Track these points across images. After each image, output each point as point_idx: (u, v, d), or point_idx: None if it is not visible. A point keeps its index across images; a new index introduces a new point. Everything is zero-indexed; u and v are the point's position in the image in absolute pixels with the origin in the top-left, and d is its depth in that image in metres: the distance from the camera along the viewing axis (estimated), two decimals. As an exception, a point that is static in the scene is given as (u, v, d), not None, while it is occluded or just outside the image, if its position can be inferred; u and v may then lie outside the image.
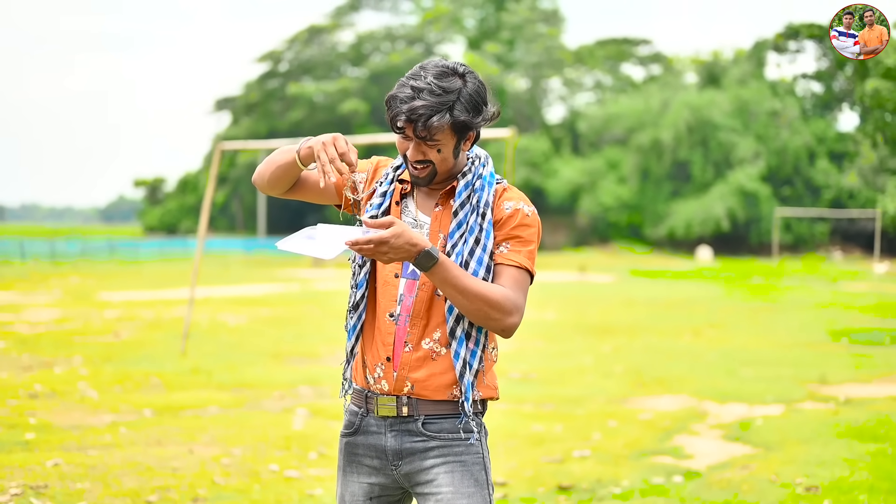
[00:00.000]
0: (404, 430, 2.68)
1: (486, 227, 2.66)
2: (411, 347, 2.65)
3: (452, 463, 2.66)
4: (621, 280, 29.98)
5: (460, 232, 2.65)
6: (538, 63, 61.23)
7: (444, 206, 2.71)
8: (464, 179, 2.69)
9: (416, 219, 2.72)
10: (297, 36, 67.27)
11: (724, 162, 52.91)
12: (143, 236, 70.93)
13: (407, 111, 2.55)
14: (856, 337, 14.34)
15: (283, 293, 22.53)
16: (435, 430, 2.67)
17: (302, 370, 10.75)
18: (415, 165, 2.64)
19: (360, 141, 12.12)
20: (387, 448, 2.70)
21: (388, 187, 2.76)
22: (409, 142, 2.62)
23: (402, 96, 2.57)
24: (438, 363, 2.65)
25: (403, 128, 2.59)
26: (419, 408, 2.67)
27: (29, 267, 33.51)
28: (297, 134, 58.27)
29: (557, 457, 6.81)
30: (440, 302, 2.65)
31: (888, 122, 34.61)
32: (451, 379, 2.66)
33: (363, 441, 2.74)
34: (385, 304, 2.69)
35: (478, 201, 2.68)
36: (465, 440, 2.68)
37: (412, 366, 2.65)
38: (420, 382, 2.65)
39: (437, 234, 2.69)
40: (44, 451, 6.62)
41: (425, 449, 2.67)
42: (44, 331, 14.05)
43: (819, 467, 6.46)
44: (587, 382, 10.17)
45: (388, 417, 2.69)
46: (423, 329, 2.65)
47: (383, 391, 2.68)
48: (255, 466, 6.38)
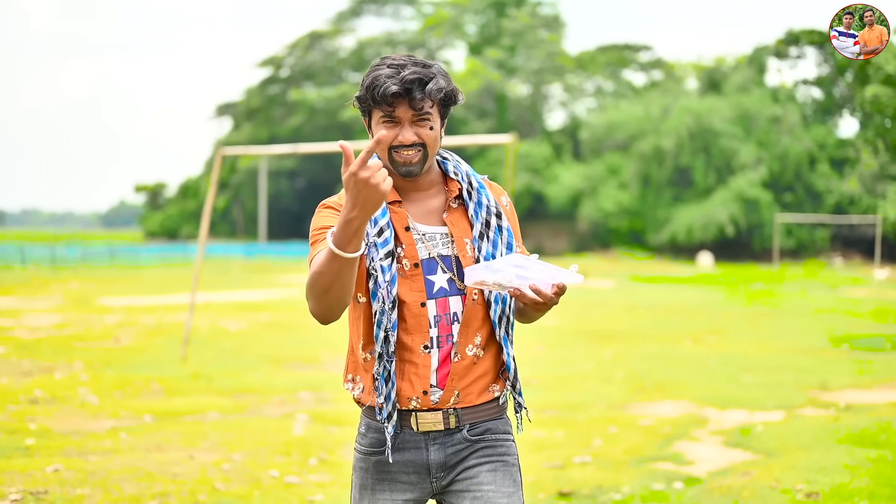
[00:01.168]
0: (448, 442, 2.65)
1: (505, 227, 2.71)
2: (460, 358, 2.63)
3: (496, 462, 2.67)
4: (622, 286, 29.97)
5: (480, 234, 2.65)
6: (539, 69, 61.26)
7: (450, 212, 2.68)
8: (456, 178, 2.69)
9: (422, 233, 2.65)
10: (299, 41, 67.37)
11: (725, 168, 52.92)
12: (143, 241, 70.94)
13: (400, 80, 2.50)
14: (856, 343, 14.32)
15: (284, 299, 22.52)
16: (479, 432, 2.67)
17: (302, 376, 10.75)
18: (406, 152, 2.55)
19: (362, 146, 12.09)
20: (430, 462, 2.65)
21: (384, 219, 2.60)
22: (397, 127, 2.54)
23: (386, 73, 2.52)
24: (479, 366, 2.66)
25: (394, 105, 2.51)
26: (464, 417, 2.65)
27: (29, 272, 33.53)
28: (298, 139, 58.22)
29: (558, 463, 6.81)
30: (477, 308, 2.64)
31: (888, 128, 34.65)
32: (491, 379, 2.69)
33: (399, 458, 2.66)
34: (418, 338, 2.61)
35: (488, 200, 2.69)
36: (507, 440, 2.71)
37: (460, 374, 2.63)
38: (466, 389, 2.64)
39: (463, 241, 2.66)
40: (44, 456, 6.62)
41: (470, 453, 2.66)
42: (44, 336, 14.06)
43: (820, 473, 6.45)
44: (588, 388, 10.16)
45: (431, 432, 2.65)
46: (467, 336, 2.64)
47: (423, 407, 2.63)
48: (255, 472, 6.38)
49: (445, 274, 2.63)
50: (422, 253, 2.63)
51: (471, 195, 2.68)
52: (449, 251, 2.65)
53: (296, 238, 60.68)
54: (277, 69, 68.99)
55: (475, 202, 2.68)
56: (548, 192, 55.67)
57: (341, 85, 65.05)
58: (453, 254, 2.65)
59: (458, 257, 2.64)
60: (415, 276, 2.61)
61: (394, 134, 2.55)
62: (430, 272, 2.62)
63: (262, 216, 60.39)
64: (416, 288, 2.61)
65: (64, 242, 56.12)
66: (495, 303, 2.65)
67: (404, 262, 2.61)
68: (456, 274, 2.63)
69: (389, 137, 2.55)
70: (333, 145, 12.83)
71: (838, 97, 55.17)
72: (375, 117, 2.57)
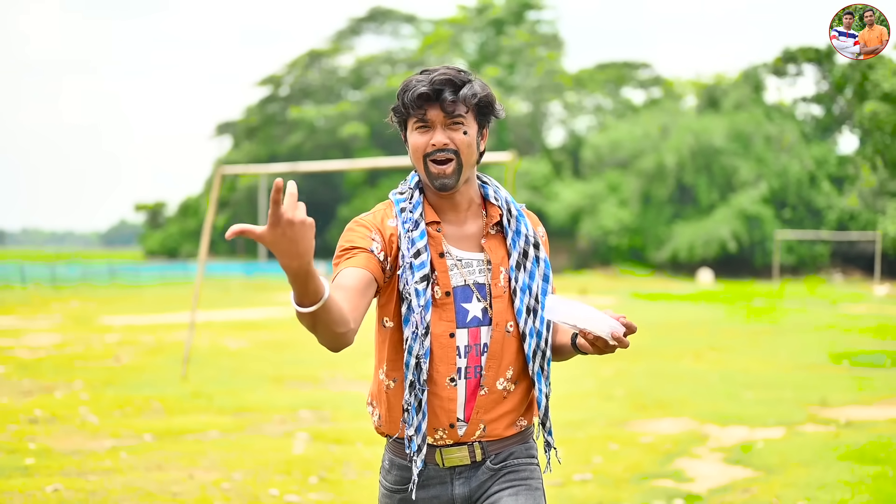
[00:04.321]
0: (473, 476, 2.60)
1: (542, 258, 2.63)
2: (487, 391, 2.55)
3: (518, 486, 2.60)
4: (622, 303, 29.96)
5: (516, 263, 2.57)
6: (538, 87, 61.48)
7: (488, 238, 2.60)
8: (496, 203, 2.61)
9: (458, 259, 2.55)
10: (298, 60, 67.64)
11: (726, 185, 53.05)
12: (143, 260, 70.99)
13: (430, 81, 2.46)
14: (857, 359, 14.31)
15: (284, 317, 22.50)
16: (502, 458, 2.62)
17: (303, 394, 10.74)
18: (438, 160, 2.48)
19: (362, 165, 12.14)
20: (455, 497, 2.60)
21: (422, 241, 2.50)
22: (428, 132, 2.49)
23: (418, 77, 2.50)
24: (509, 401, 2.59)
25: (425, 108, 2.47)
26: (489, 448, 2.59)
27: (29, 291, 33.52)
28: (297, 158, 58.39)
29: (558, 480, 6.80)
30: (511, 340, 2.57)
31: (888, 144, 34.70)
32: (518, 413, 2.63)
33: (423, 495, 2.59)
34: (444, 370, 2.52)
35: (526, 230, 2.61)
36: (529, 464, 2.65)
37: (487, 408, 2.56)
38: (492, 423, 2.57)
39: (499, 270, 2.58)
40: (44, 476, 6.61)
41: (494, 481, 2.61)
42: (44, 355, 14.05)
43: (820, 490, 6.44)
44: (588, 405, 10.15)
45: (457, 466, 2.59)
46: (497, 369, 2.55)
47: (450, 443, 2.56)
48: (255, 491, 6.37)
49: (480, 303, 2.54)
50: (456, 280, 2.54)
51: (510, 223, 2.61)
52: (485, 279, 2.56)
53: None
54: (277, 88, 69.24)
55: (514, 230, 2.60)
56: (548, 209, 55.75)
57: (340, 103, 65.27)
58: (488, 282, 2.56)
59: (491, 286, 2.56)
60: (445, 304, 2.52)
61: (424, 141, 2.49)
62: (464, 300, 2.53)
63: (262, 235, 60.36)
64: (445, 318, 2.51)
65: (64, 262, 56.15)
66: (530, 336, 2.57)
67: (436, 289, 2.52)
68: (489, 303, 2.55)
69: (421, 145, 2.50)
70: (333, 163, 12.88)
71: (838, 114, 55.34)
72: (410, 125, 2.52)
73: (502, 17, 64.97)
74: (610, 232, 54.92)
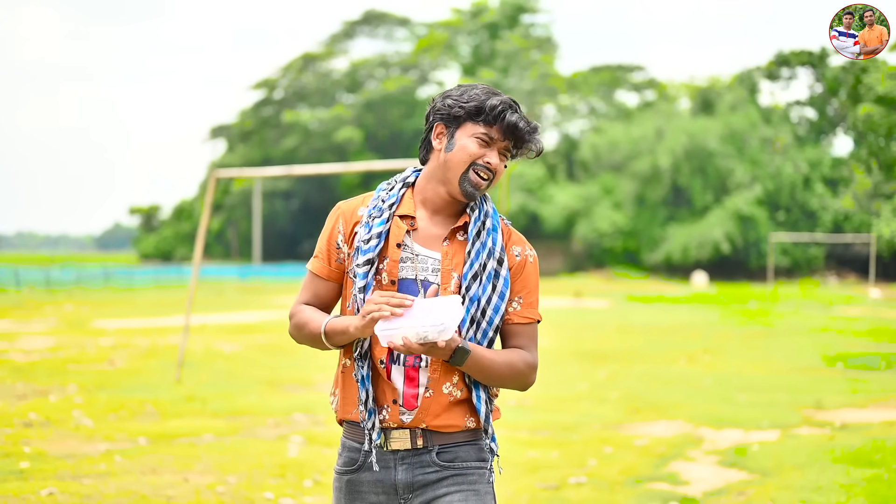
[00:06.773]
0: (416, 463, 2.63)
1: (503, 275, 2.65)
2: (432, 393, 2.61)
3: (466, 491, 2.63)
4: (617, 306, 29.98)
5: (473, 273, 2.61)
6: (532, 90, 61.49)
7: (451, 241, 2.65)
8: (473, 214, 2.66)
9: (415, 253, 2.64)
10: (292, 64, 67.61)
11: (720, 188, 53.12)
12: (138, 264, 70.84)
13: (526, 120, 2.64)
14: (851, 362, 14.34)
15: (279, 320, 22.48)
16: (449, 458, 2.64)
17: (297, 397, 10.73)
18: (483, 175, 2.62)
19: (356, 168, 12.11)
20: (397, 482, 2.63)
21: (383, 227, 2.65)
22: (486, 147, 2.62)
23: (508, 102, 2.63)
24: (456, 405, 2.64)
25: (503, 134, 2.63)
26: (433, 439, 2.63)
27: (24, 295, 33.45)
28: (291, 161, 58.38)
29: (553, 484, 6.80)
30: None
31: (881, 146, 34.80)
32: (467, 414, 2.66)
33: (368, 478, 2.65)
34: (377, 352, 2.63)
35: (493, 244, 2.65)
36: (479, 468, 2.66)
37: (433, 412, 2.61)
38: (435, 420, 2.62)
39: (450, 274, 2.62)
40: (38, 479, 6.59)
41: (439, 479, 2.63)
42: (38, 359, 14.02)
43: (815, 493, 6.45)
44: (582, 409, 10.15)
45: (400, 451, 2.63)
46: (442, 372, 2.60)
47: (393, 426, 2.62)
48: (250, 494, 6.36)
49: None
50: (406, 272, 2.62)
51: (479, 234, 2.65)
52: (436, 279, 2.62)
53: (290, 259, 60.63)
54: (271, 91, 69.20)
55: (481, 242, 2.64)
56: (542, 212, 55.78)
57: (335, 106, 65.25)
58: (438, 283, 2.62)
59: (440, 287, 2.61)
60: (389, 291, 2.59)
61: (481, 152, 2.62)
62: (409, 292, 2.60)
63: (256, 238, 60.37)
64: None
65: (58, 265, 56.06)
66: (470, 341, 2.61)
67: (383, 275, 2.62)
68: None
69: (477, 154, 2.62)
70: (327, 167, 12.85)
71: (832, 116, 55.44)
72: (470, 130, 2.63)
73: (496, 20, 65.00)
74: (604, 234, 54.97)
